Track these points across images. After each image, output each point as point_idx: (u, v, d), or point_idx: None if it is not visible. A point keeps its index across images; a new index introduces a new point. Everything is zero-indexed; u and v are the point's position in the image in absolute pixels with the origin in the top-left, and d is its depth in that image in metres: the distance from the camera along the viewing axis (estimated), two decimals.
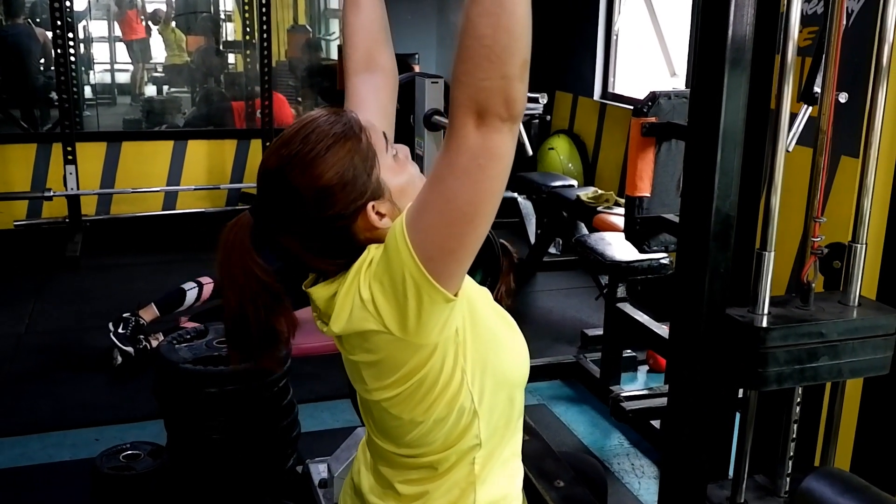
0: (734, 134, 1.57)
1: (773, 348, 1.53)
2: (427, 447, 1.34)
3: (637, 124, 3.05)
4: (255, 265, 1.28)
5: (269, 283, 1.28)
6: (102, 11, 9.79)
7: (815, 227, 1.65)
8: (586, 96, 6.79)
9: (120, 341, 3.90)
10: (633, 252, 3.41)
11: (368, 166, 1.27)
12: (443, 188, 1.11)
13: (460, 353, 1.27)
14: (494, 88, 1.04)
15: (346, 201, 1.26)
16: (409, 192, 1.31)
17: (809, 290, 1.64)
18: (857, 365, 1.60)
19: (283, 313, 1.32)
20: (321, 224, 1.26)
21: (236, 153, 6.44)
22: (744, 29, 1.53)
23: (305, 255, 1.30)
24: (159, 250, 5.84)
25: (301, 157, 1.25)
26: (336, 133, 1.27)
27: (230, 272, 1.29)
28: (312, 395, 3.62)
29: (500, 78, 1.04)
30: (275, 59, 7.01)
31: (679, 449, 1.71)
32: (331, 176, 1.25)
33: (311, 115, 1.33)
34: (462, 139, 1.07)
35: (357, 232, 1.28)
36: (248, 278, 1.28)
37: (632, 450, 3.39)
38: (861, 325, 1.60)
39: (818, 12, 2.30)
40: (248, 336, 1.32)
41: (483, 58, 1.03)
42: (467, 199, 1.10)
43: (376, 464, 1.44)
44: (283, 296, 1.30)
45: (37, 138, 6.36)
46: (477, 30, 1.03)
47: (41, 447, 3.31)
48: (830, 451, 1.77)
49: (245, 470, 2.77)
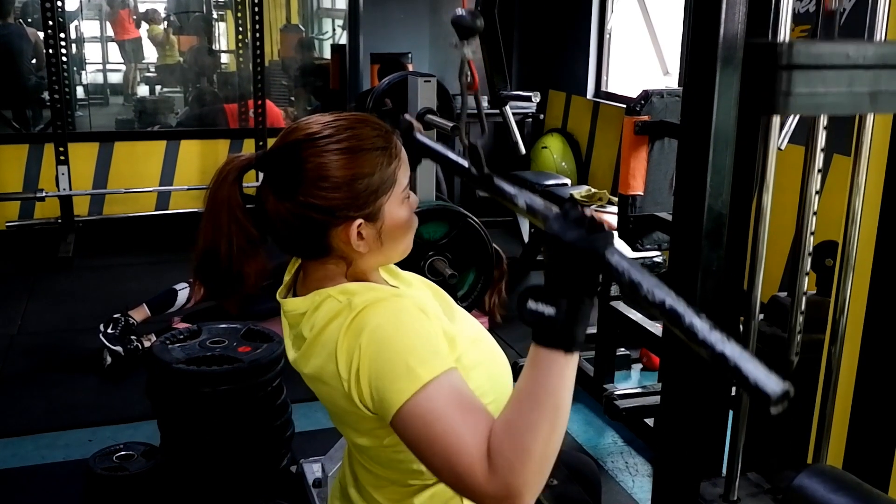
0: (726, 132, 1.57)
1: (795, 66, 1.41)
2: (409, 473, 1.35)
3: (630, 123, 3.05)
4: (237, 206, 1.30)
5: (246, 227, 1.31)
6: (94, 11, 9.77)
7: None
8: (579, 95, 6.80)
9: (109, 341, 3.89)
10: (627, 250, 3.41)
11: (381, 190, 1.28)
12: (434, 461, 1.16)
13: None
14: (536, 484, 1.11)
15: (342, 204, 1.26)
16: (399, 235, 1.34)
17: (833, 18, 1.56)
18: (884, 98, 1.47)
19: (253, 258, 1.33)
20: (307, 206, 1.27)
21: (229, 153, 6.43)
22: (735, 27, 1.53)
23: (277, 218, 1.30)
24: (152, 251, 5.83)
25: (338, 140, 1.27)
26: (377, 145, 1.28)
27: (214, 204, 1.32)
28: (306, 394, 3.56)
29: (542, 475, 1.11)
30: (268, 59, 7.00)
31: (672, 447, 1.72)
32: (345, 174, 1.25)
33: (369, 115, 1.35)
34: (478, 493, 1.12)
35: (333, 236, 1.28)
36: (230, 215, 1.30)
37: (626, 448, 3.40)
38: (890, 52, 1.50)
39: (810, 11, 2.31)
40: (214, 271, 1.34)
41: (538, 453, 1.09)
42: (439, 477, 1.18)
43: (357, 474, 1.45)
44: (258, 242, 1.33)
45: (29, 139, 6.35)
46: (536, 430, 1.09)
47: (34, 448, 3.30)
48: (823, 448, 1.78)
49: (239, 470, 2.77)
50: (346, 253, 1.29)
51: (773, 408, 0.84)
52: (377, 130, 1.30)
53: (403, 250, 1.38)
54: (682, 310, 0.95)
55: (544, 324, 1.07)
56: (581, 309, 1.06)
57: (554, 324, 1.06)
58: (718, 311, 1.63)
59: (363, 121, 1.31)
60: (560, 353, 1.08)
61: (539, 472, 1.09)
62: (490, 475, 1.09)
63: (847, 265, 1.69)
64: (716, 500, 1.75)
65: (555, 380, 1.08)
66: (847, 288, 1.72)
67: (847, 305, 1.73)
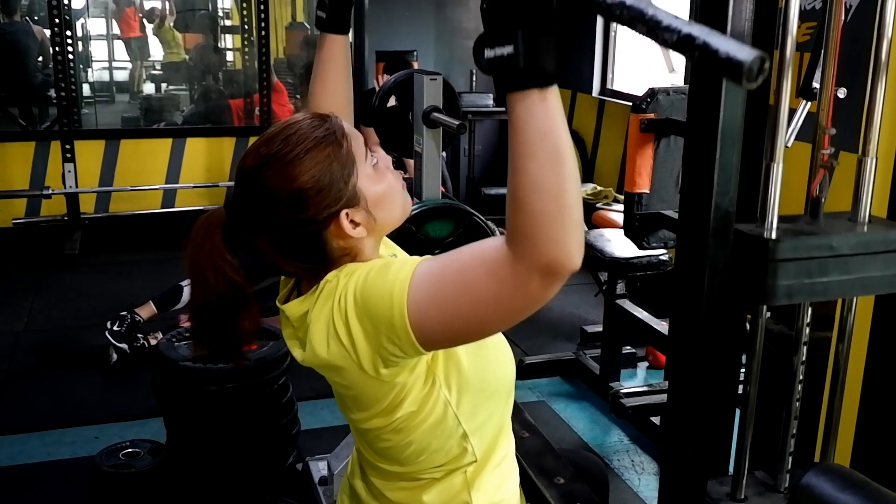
0: (733, 130, 1.56)
1: (782, 260, 1.47)
2: (419, 464, 1.34)
3: (636, 121, 3.04)
4: (224, 263, 1.26)
5: (237, 283, 1.26)
6: (100, 9, 9.77)
7: (825, 138, 1.63)
8: (585, 93, 6.79)
9: (115, 338, 3.90)
10: (633, 248, 3.41)
11: (346, 173, 1.26)
12: (477, 307, 1.07)
13: (442, 384, 1.27)
14: (570, 239, 0.99)
15: (320, 206, 1.24)
16: (387, 202, 1.31)
17: (819, 204, 1.60)
18: (868, 281, 1.54)
19: (247, 313, 1.29)
20: (293, 227, 1.25)
21: (235, 151, 6.44)
22: (742, 24, 1.53)
23: (276, 256, 1.28)
24: (158, 248, 5.82)
25: (279, 158, 1.24)
26: (317, 137, 1.25)
27: (199, 267, 1.27)
28: (312, 392, 3.61)
29: (574, 228, 0.99)
30: (273, 56, 7.00)
31: (679, 445, 1.71)
32: (306, 179, 1.23)
33: (296, 116, 1.31)
34: (523, 288, 1.02)
35: (329, 238, 1.26)
36: (217, 275, 1.25)
37: (632, 446, 3.40)
38: (872, 240, 1.55)
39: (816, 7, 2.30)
40: (209, 331, 1.31)
41: (556, 210, 0.98)
42: (499, 320, 1.09)
43: (366, 472, 1.44)
44: (251, 296, 1.28)
45: (35, 136, 6.35)
46: (542, 184, 0.98)
47: (41, 445, 3.31)
48: (830, 446, 1.77)
49: (245, 467, 2.77)
50: (349, 245, 1.28)
51: (748, 80, 0.78)
52: (310, 121, 1.28)
53: (402, 209, 1.35)
54: (640, 5, 0.87)
55: (505, 65, 0.95)
56: (541, 36, 0.95)
57: (515, 61, 0.94)
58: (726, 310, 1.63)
59: (293, 122, 1.29)
60: (534, 93, 0.96)
61: (567, 227, 0.98)
62: (515, 256, 1.01)
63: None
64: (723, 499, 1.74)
65: (541, 122, 0.97)
66: None
67: (854, 303, 1.73)
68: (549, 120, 0.97)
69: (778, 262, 1.47)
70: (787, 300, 1.53)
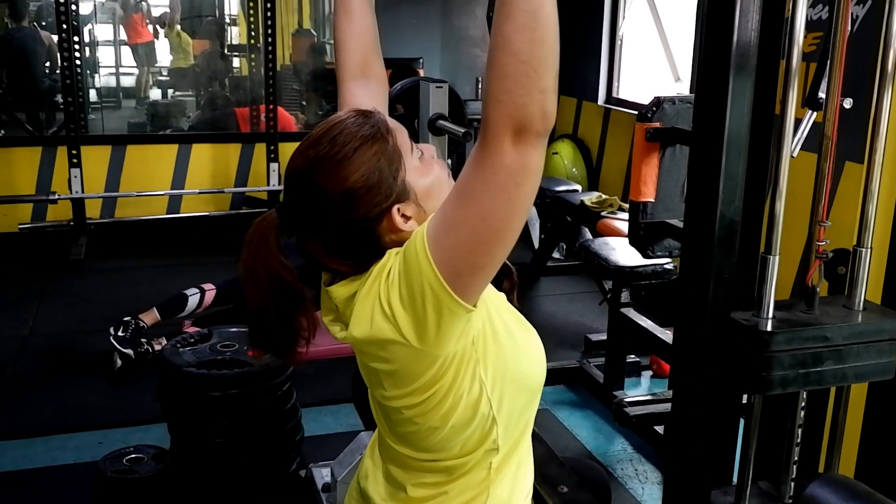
0: (739, 139, 1.57)
1: (777, 352, 1.53)
2: (445, 452, 1.34)
3: (641, 129, 3.05)
4: (279, 265, 1.27)
5: (291, 284, 1.28)
6: (108, 15, 9.80)
7: (820, 231, 1.65)
8: (590, 101, 6.79)
9: (119, 344, 3.91)
10: (637, 257, 3.41)
11: (394, 169, 1.27)
12: (476, 206, 1.10)
13: (480, 362, 1.26)
14: (534, 103, 1.03)
15: (372, 204, 1.26)
16: (436, 193, 1.31)
17: (814, 294, 1.64)
18: (862, 369, 1.60)
19: (303, 313, 1.31)
20: (346, 226, 1.27)
21: (240, 157, 6.45)
22: (748, 34, 1.53)
23: (325, 255, 1.30)
24: (163, 254, 5.85)
25: (328, 159, 1.26)
26: (364, 135, 1.27)
27: (253, 270, 1.28)
28: (316, 398, 3.62)
29: (539, 92, 1.03)
30: (279, 63, 7.01)
31: (683, 454, 1.71)
32: (356, 178, 1.25)
33: (339, 115, 1.33)
34: (499, 157, 1.06)
35: (382, 234, 1.28)
36: (271, 278, 1.27)
37: (635, 455, 3.39)
38: (866, 330, 1.60)
39: (823, 18, 2.31)
40: (267, 333, 1.32)
41: (521, 74, 1.02)
42: (502, 215, 1.10)
43: (387, 466, 1.44)
44: (305, 296, 1.30)
45: (42, 141, 6.37)
46: (513, 46, 1.02)
47: (45, 450, 3.31)
48: (834, 457, 1.77)
49: (248, 474, 2.77)
50: (401, 238, 1.28)
51: None
52: (354, 119, 1.30)
53: None
54: None
55: None
56: None
57: None
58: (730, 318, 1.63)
59: (338, 121, 1.30)
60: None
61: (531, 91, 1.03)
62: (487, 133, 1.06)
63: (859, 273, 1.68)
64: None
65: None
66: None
67: None
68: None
69: (773, 354, 1.52)
70: (782, 390, 1.57)
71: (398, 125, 1.33)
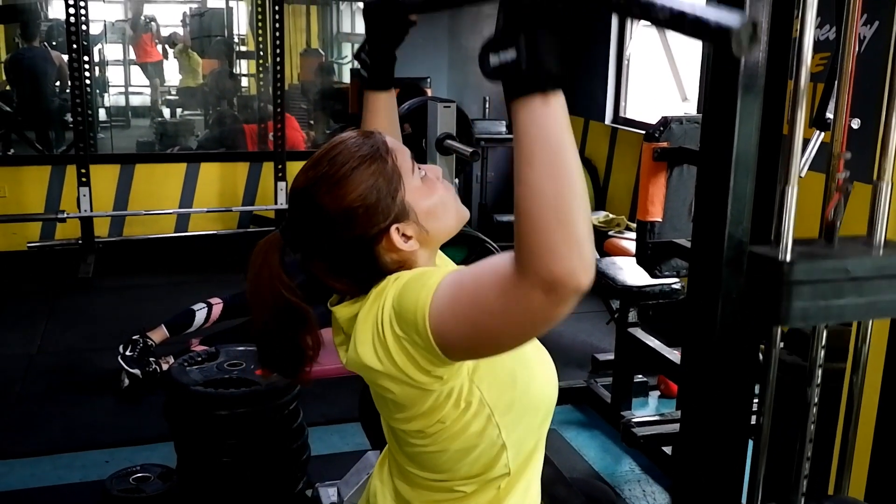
0: (747, 159, 1.57)
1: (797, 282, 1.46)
2: (452, 472, 1.33)
3: (649, 149, 3.05)
4: (282, 285, 1.29)
5: (295, 304, 1.29)
6: (118, 35, 9.88)
7: (840, 162, 1.62)
8: (598, 120, 6.80)
9: (127, 364, 3.90)
10: (645, 277, 3.40)
11: (393, 189, 1.28)
12: (486, 319, 1.05)
13: (484, 390, 1.26)
14: (572, 258, 0.95)
15: (370, 223, 1.27)
16: (439, 213, 1.33)
17: (834, 228, 1.59)
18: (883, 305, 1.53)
19: (308, 332, 1.32)
20: (345, 245, 1.28)
21: (248, 176, 6.47)
22: (756, 55, 1.54)
23: (328, 275, 1.32)
24: (171, 272, 5.86)
25: (327, 178, 1.27)
26: (362, 155, 1.28)
27: (259, 292, 1.30)
28: (322, 417, 3.61)
29: (576, 244, 0.95)
30: (287, 83, 7.05)
31: (691, 475, 1.70)
32: (354, 197, 1.26)
33: (341, 136, 1.34)
34: (526, 301, 0.99)
35: (381, 253, 1.29)
36: (276, 298, 1.29)
37: (643, 476, 3.37)
38: (888, 264, 1.54)
39: (830, 38, 2.31)
40: (274, 353, 1.34)
41: (553, 221, 0.95)
42: (510, 339, 1.08)
43: (396, 483, 1.43)
44: (309, 315, 1.31)
45: (51, 160, 6.41)
46: (540, 191, 0.95)
47: (52, 468, 3.30)
48: (844, 479, 1.76)
49: (255, 493, 2.76)
50: (402, 258, 1.30)
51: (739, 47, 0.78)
52: (354, 140, 1.31)
53: (456, 218, 1.37)
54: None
55: (508, 71, 0.95)
56: (542, 40, 0.94)
57: (517, 65, 0.94)
58: (739, 339, 1.63)
59: (339, 142, 1.32)
60: (538, 98, 0.95)
61: (567, 240, 0.94)
62: (520, 273, 0.98)
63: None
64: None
65: (541, 129, 0.95)
66: None
67: (869, 335, 1.72)
68: (550, 126, 0.95)
69: (793, 285, 1.46)
70: (802, 323, 1.52)
71: (400, 146, 1.34)
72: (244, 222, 6.46)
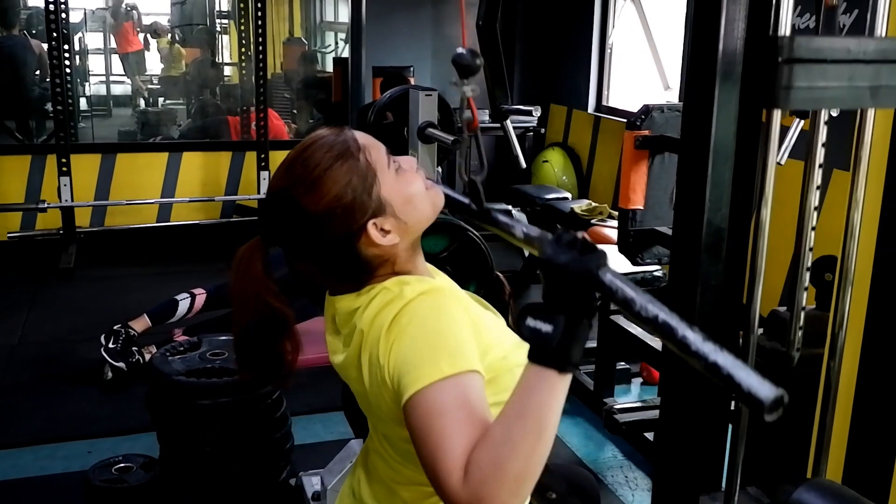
0: (725, 147, 1.57)
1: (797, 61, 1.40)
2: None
3: (630, 137, 3.05)
4: (266, 290, 1.31)
5: (278, 309, 1.31)
6: (98, 23, 9.81)
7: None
8: (580, 109, 6.81)
9: (110, 356, 3.89)
10: (627, 264, 3.41)
11: (368, 185, 1.29)
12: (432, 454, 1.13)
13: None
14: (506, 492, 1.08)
15: (348, 222, 1.28)
16: (415, 203, 1.34)
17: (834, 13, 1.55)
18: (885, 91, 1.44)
19: (288, 337, 1.34)
20: (327, 245, 1.29)
21: (231, 165, 6.45)
22: (734, 43, 1.54)
23: (319, 276, 1.34)
24: (154, 262, 5.84)
25: (301, 181, 1.28)
26: (333, 155, 1.29)
27: (242, 296, 1.32)
28: (306, 407, 3.62)
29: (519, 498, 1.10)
30: (270, 72, 7.02)
31: (672, 461, 1.72)
32: (330, 199, 1.27)
33: (312, 136, 1.34)
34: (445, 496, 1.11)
35: (362, 248, 1.30)
36: (259, 304, 1.30)
37: (625, 462, 3.40)
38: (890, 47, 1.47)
39: (810, 27, 2.32)
40: (253, 357, 1.36)
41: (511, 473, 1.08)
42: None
43: (378, 469, 1.43)
44: (291, 321, 1.33)
45: (31, 150, 6.36)
46: (515, 444, 1.08)
47: (34, 459, 3.29)
48: (822, 462, 1.78)
49: (238, 482, 2.76)
50: (384, 253, 1.31)
51: (768, 415, 0.85)
52: (325, 138, 1.31)
53: (431, 207, 1.38)
54: (674, 323, 0.97)
55: (540, 340, 1.06)
56: (578, 328, 1.06)
57: (550, 341, 1.05)
58: (718, 325, 1.64)
59: (309, 143, 1.32)
60: (553, 373, 1.07)
61: (513, 492, 1.08)
62: (463, 484, 1.08)
63: (846, 280, 1.69)
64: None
65: (543, 398, 1.08)
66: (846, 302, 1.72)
67: (846, 320, 1.74)
68: (553, 397, 1.08)
69: (793, 63, 1.40)
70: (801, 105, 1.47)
71: (372, 141, 1.35)
72: (227, 212, 6.44)
